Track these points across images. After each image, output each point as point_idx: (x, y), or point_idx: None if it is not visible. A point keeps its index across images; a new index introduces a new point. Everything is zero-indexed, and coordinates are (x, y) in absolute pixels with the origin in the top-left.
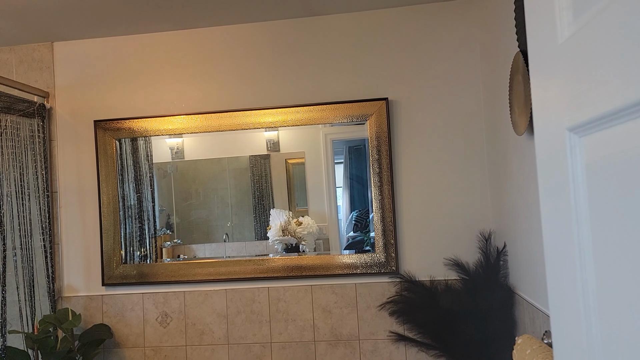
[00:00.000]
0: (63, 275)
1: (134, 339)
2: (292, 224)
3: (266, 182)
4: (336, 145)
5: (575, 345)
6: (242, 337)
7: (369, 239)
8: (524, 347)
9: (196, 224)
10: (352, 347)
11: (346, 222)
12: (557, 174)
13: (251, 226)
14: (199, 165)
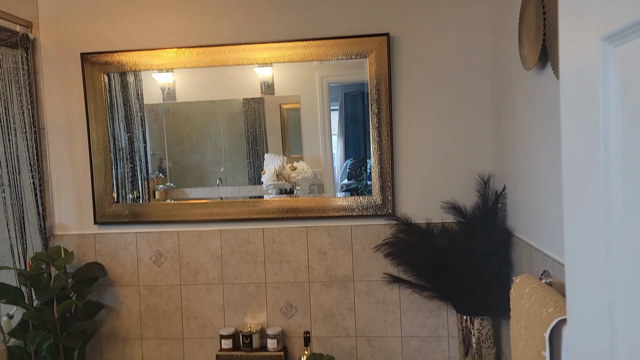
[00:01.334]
0: (54, 213)
1: (128, 277)
2: (286, 169)
3: (260, 127)
4: (332, 92)
5: (593, 276)
6: (237, 277)
7: (363, 187)
8: (522, 286)
9: (189, 169)
10: (347, 288)
11: (340, 170)
12: (585, 91)
13: (245, 172)
14: (192, 108)
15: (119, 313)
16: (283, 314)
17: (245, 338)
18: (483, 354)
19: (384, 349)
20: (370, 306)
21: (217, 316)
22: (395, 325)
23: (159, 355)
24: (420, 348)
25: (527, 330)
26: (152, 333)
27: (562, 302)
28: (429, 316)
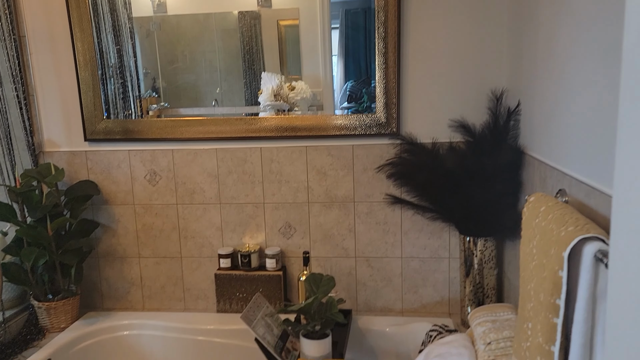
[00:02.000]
0: (42, 129)
1: (123, 196)
2: (284, 89)
3: (257, 45)
4: (332, 9)
5: None
6: (234, 197)
7: (364, 110)
8: (538, 204)
9: (184, 89)
10: (347, 209)
11: (340, 93)
12: None
13: (241, 92)
14: (184, 23)
15: (115, 232)
16: (282, 234)
17: (244, 257)
18: (484, 275)
19: (383, 270)
20: (371, 227)
21: (215, 236)
22: (396, 247)
23: (158, 273)
24: (420, 269)
25: (541, 249)
26: (149, 252)
27: (583, 221)
28: (431, 237)
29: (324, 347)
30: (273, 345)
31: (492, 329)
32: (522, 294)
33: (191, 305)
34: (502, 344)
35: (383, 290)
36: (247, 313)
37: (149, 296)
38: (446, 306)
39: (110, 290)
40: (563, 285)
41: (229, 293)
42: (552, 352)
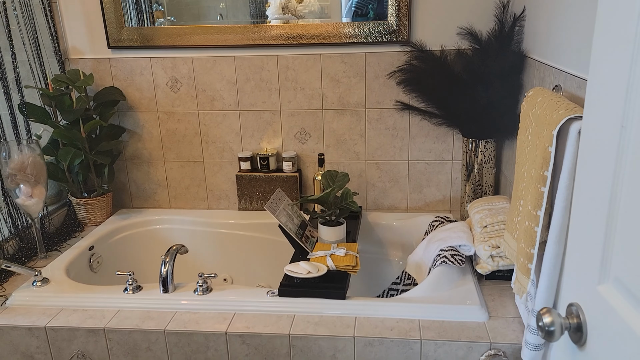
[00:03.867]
0: (66, 36)
1: (147, 102)
2: (292, 1)
3: None
4: None
5: (612, 88)
6: (252, 104)
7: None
8: (535, 96)
9: (186, 4)
10: (358, 115)
11: (345, 8)
12: None
13: (246, 6)
14: None
15: (141, 137)
16: (297, 139)
17: (263, 160)
18: (484, 174)
19: (391, 172)
20: (380, 132)
21: (234, 141)
22: (403, 150)
23: (182, 175)
24: (425, 170)
25: (535, 133)
26: (173, 155)
27: (572, 105)
28: (436, 141)
29: (340, 232)
30: (294, 232)
31: (488, 215)
32: (517, 177)
33: (214, 204)
34: (497, 227)
35: (390, 190)
36: (271, 204)
37: (175, 196)
38: (447, 204)
39: (138, 190)
40: (551, 159)
41: (249, 193)
42: (538, 215)
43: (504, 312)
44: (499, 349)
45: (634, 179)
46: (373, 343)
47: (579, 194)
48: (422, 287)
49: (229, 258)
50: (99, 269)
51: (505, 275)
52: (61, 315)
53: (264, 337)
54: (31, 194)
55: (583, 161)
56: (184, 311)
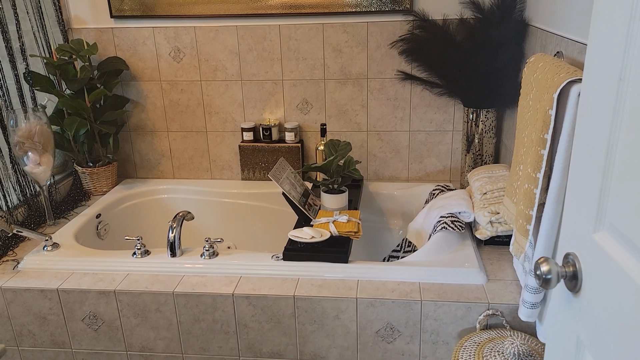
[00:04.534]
0: (69, 5)
1: (150, 72)
2: None
3: None
4: None
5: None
6: (255, 74)
7: None
8: (537, 62)
9: None
10: (360, 85)
11: None
12: None
13: None
14: None
15: (144, 107)
16: (299, 110)
17: (265, 131)
18: (484, 144)
19: (392, 142)
20: (382, 103)
21: (237, 111)
22: (405, 121)
23: (185, 146)
24: (425, 141)
25: (536, 98)
26: (177, 126)
27: (574, 69)
28: (437, 112)
29: (342, 200)
30: (297, 199)
31: (488, 182)
32: (517, 143)
33: (217, 175)
34: (496, 194)
35: (391, 161)
36: (275, 172)
37: (178, 167)
38: (448, 174)
39: (142, 161)
40: (551, 122)
41: (252, 163)
42: (538, 178)
43: (502, 275)
44: (497, 309)
45: (631, 128)
46: (375, 304)
47: (578, 146)
48: (422, 251)
49: (233, 227)
50: (106, 236)
51: (504, 240)
52: (72, 279)
53: (270, 299)
54: (39, 161)
55: (582, 113)
56: (192, 274)
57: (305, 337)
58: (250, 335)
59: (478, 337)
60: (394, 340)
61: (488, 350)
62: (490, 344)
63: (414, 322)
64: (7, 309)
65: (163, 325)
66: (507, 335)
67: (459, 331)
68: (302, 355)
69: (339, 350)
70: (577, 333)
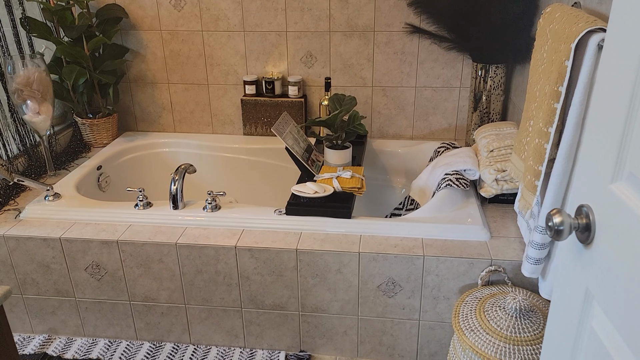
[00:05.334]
0: None
1: (149, 21)
2: None
3: None
4: None
5: None
6: (258, 24)
7: None
8: (553, 12)
9: None
10: (367, 39)
11: None
12: None
13: None
14: None
15: (144, 57)
16: (303, 63)
17: (268, 84)
18: (492, 101)
19: (397, 99)
20: (389, 57)
21: (239, 64)
22: (411, 76)
23: (186, 99)
24: (432, 97)
25: (552, 49)
26: (177, 78)
27: (593, 19)
28: (445, 67)
29: (346, 156)
30: (301, 154)
31: (495, 139)
32: (528, 97)
33: (219, 129)
34: (503, 151)
35: (396, 118)
36: (278, 126)
37: (179, 120)
38: (453, 132)
39: (143, 114)
40: (567, 73)
41: (254, 118)
42: (549, 132)
43: (506, 232)
44: (499, 265)
45: None
46: (377, 258)
47: (598, 95)
48: (426, 208)
49: (235, 182)
50: (107, 188)
51: (508, 199)
52: (74, 228)
53: (272, 252)
54: (38, 110)
55: (607, 58)
56: (194, 227)
57: (307, 290)
58: (252, 287)
59: (479, 292)
60: (394, 295)
61: (489, 305)
62: (492, 299)
63: (416, 277)
64: (10, 256)
65: (166, 276)
66: (509, 291)
67: (461, 287)
68: (304, 307)
69: (340, 303)
70: (585, 284)
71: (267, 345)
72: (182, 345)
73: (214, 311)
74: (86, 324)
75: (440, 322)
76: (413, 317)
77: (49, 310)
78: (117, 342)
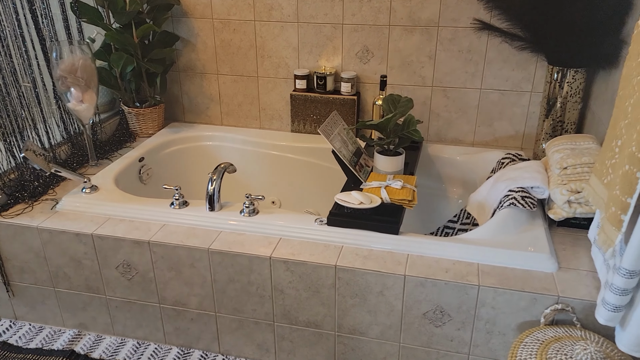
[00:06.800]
0: None
1: (202, 9)
2: None
3: None
4: None
5: None
6: (313, 15)
7: None
8: None
9: None
10: (429, 34)
11: None
12: None
13: None
14: None
15: (195, 47)
16: (359, 58)
17: (320, 80)
18: (567, 109)
19: (459, 100)
20: (453, 55)
21: (291, 56)
22: (476, 77)
23: (235, 91)
24: (498, 101)
25: None
26: (227, 69)
27: None
28: (515, 69)
29: (397, 163)
30: (348, 159)
31: (570, 155)
32: (616, 112)
33: (266, 124)
34: (579, 169)
35: (456, 122)
36: (325, 127)
37: (227, 112)
38: (520, 141)
39: (190, 104)
40: None
41: (303, 114)
42: None
43: (576, 263)
44: (567, 304)
45: None
46: (425, 284)
47: None
48: (484, 228)
49: (279, 181)
50: (148, 181)
51: (581, 223)
52: (108, 224)
53: (309, 266)
54: (82, 98)
55: None
56: (229, 231)
57: (344, 310)
58: (286, 301)
59: (542, 333)
60: (442, 325)
61: (553, 352)
62: (557, 344)
63: (468, 308)
64: (43, 249)
65: (197, 282)
66: (579, 337)
67: (520, 323)
68: (341, 328)
69: (380, 327)
70: None
71: None
72: (211, 354)
73: (245, 322)
74: (116, 323)
75: (492, 359)
76: (462, 350)
77: (80, 305)
78: (145, 344)
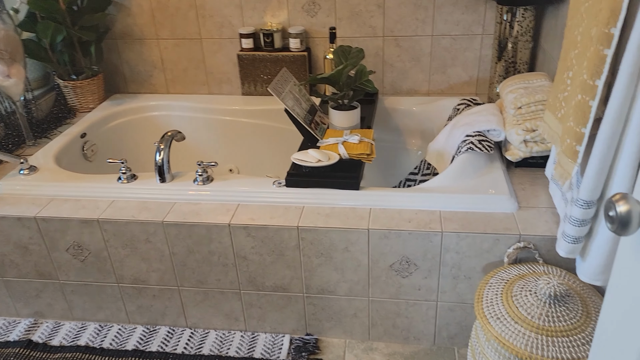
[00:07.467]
0: None
1: None
2: None
3: None
4: None
5: None
6: None
7: None
8: None
9: None
10: None
11: None
12: None
13: None
14: None
15: (130, 10)
16: (305, 12)
17: (267, 37)
18: (518, 49)
19: (411, 49)
20: (402, 1)
21: (234, 14)
22: (427, 23)
23: (178, 56)
24: (450, 47)
25: None
26: (167, 33)
27: None
28: (465, 12)
29: (353, 118)
30: (302, 117)
31: (524, 94)
32: (566, 43)
33: (215, 89)
34: (533, 108)
35: (410, 72)
36: (275, 85)
37: (172, 80)
38: (474, 86)
39: (132, 73)
40: (622, 10)
41: (253, 75)
42: (596, 85)
43: (536, 202)
44: (529, 241)
45: None
46: (389, 235)
47: None
48: (444, 175)
49: (234, 147)
50: (94, 157)
51: (538, 162)
52: (52, 206)
53: (271, 230)
54: (8, 73)
55: None
56: (184, 202)
57: (311, 270)
58: (250, 268)
59: (506, 272)
60: (409, 275)
61: (518, 289)
62: (521, 282)
63: (433, 256)
64: None
65: (155, 257)
66: (542, 272)
67: (484, 265)
68: (309, 289)
69: (348, 284)
70: None
71: (270, 329)
72: (179, 329)
73: (211, 293)
74: (74, 308)
75: (460, 304)
76: (430, 298)
77: (32, 293)
78: (108, 326)
